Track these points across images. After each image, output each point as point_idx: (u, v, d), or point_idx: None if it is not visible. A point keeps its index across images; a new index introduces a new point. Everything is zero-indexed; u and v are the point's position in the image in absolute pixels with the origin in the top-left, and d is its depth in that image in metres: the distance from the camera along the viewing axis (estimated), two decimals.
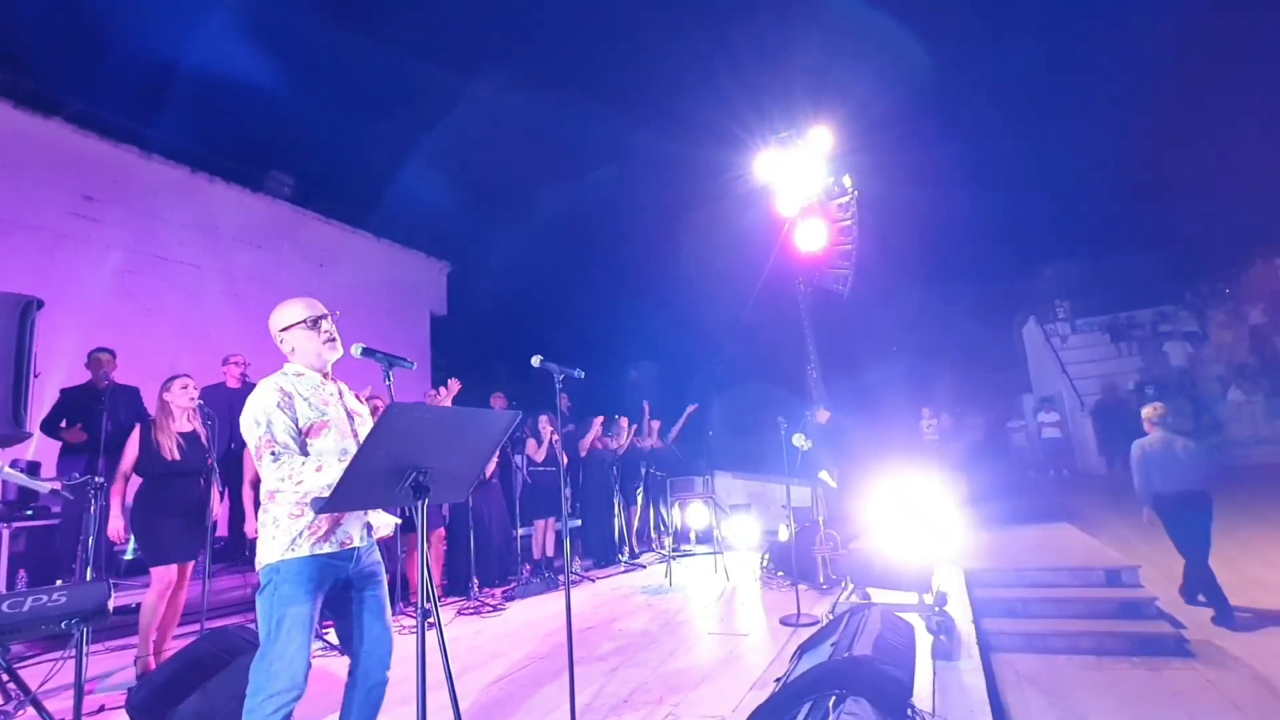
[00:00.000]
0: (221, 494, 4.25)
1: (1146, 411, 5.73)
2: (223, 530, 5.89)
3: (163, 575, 3.79)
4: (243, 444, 4.86)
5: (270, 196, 9.49)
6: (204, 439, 4.07)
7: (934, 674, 3.83)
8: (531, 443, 6.65)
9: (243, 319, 8.33)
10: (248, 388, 5.57)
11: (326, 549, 2.17)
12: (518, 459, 6.41)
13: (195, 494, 3.95)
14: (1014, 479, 13.68)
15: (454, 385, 5.60)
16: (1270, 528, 7.78)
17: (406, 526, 5.58)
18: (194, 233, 8.70)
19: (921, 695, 3.48)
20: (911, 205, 13.89)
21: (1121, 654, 4.71)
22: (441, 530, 6.04)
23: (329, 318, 2.41)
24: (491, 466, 6.26)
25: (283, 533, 2.13)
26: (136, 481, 3.91)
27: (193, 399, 4.02)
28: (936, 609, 4.38)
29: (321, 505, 2.04)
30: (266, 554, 2.14)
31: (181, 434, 3.97)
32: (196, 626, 4.19)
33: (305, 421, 2.21)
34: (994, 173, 18.20)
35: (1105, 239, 18.66)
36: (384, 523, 2.38)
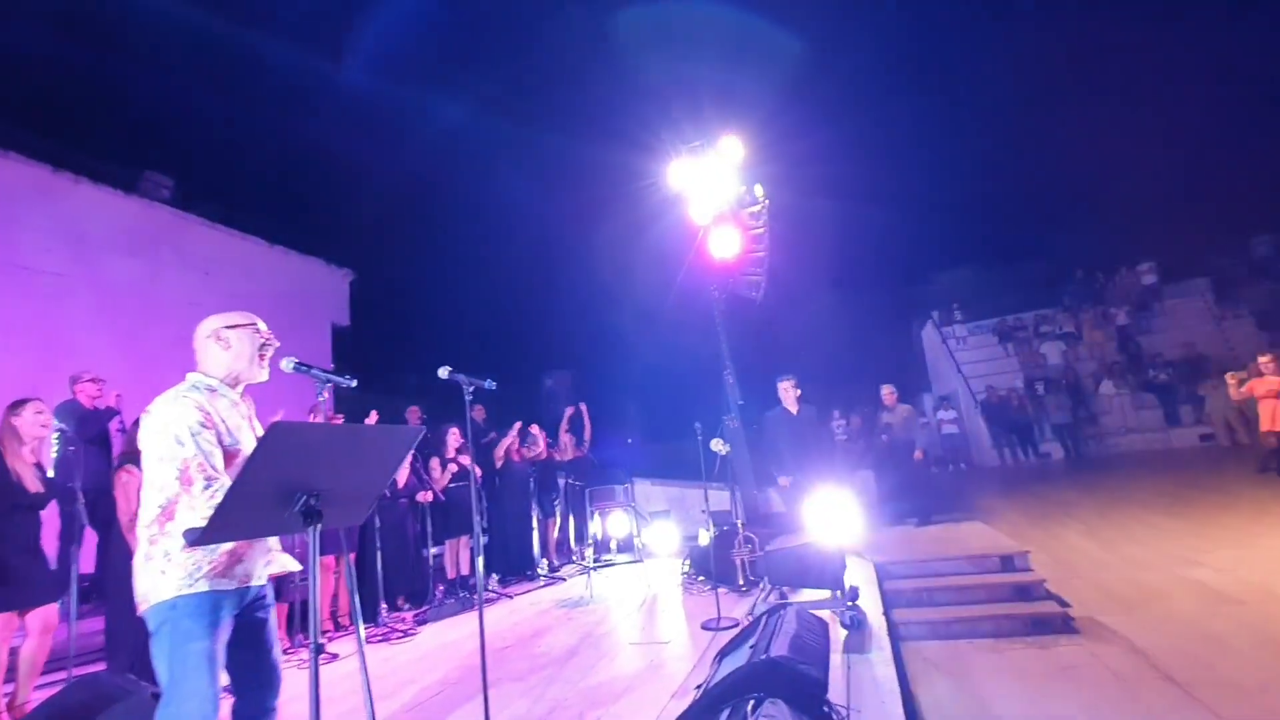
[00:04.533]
0: (81, 528, 3.81)
1: None
2: (88, 566, 5.29)
3: (29, 621, 3.36)
4: (106, 470, 4.38)
5: (146, 199, 8.70)
6: (53, 468, 3.65)
7: (848, 667, 3.93)
8: (435, 465, 6.38)
9: (114, 334, 7.58)
10: (104, 412, 5.01)
11: (226, 585, 1.97)
12: (428, 475, 6.14)
13: (39, 529, 3.53)
14: (918, 474, 14.43)
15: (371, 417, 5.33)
16: (1139, 509, 8.56)
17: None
18: (57, 239, 7.85)
19: (836, 689, 3.54)
20: (819, 216, 14.48)
21: (1016, 635, 5.00)
22: (351, 555, 5.69)
23: (272, 337, 2.29)
24: (403, 482, 5.97)
25: (176, 567, 1.92)
26: None
27: (46, 426, 3.58)
28: (849, 604, 4.51)
29: (197, 536, 1.85)
30: (156, 590, 1.91)
31: (34, 464, 3.53)
32: (63, 674, 3.77)
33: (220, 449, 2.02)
34: (892, 186, 19.32)
35: (993, 248, 20.17)
36: (285, 562, 2.21)
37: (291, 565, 2.23)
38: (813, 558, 5.16)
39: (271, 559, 2.16)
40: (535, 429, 7.69)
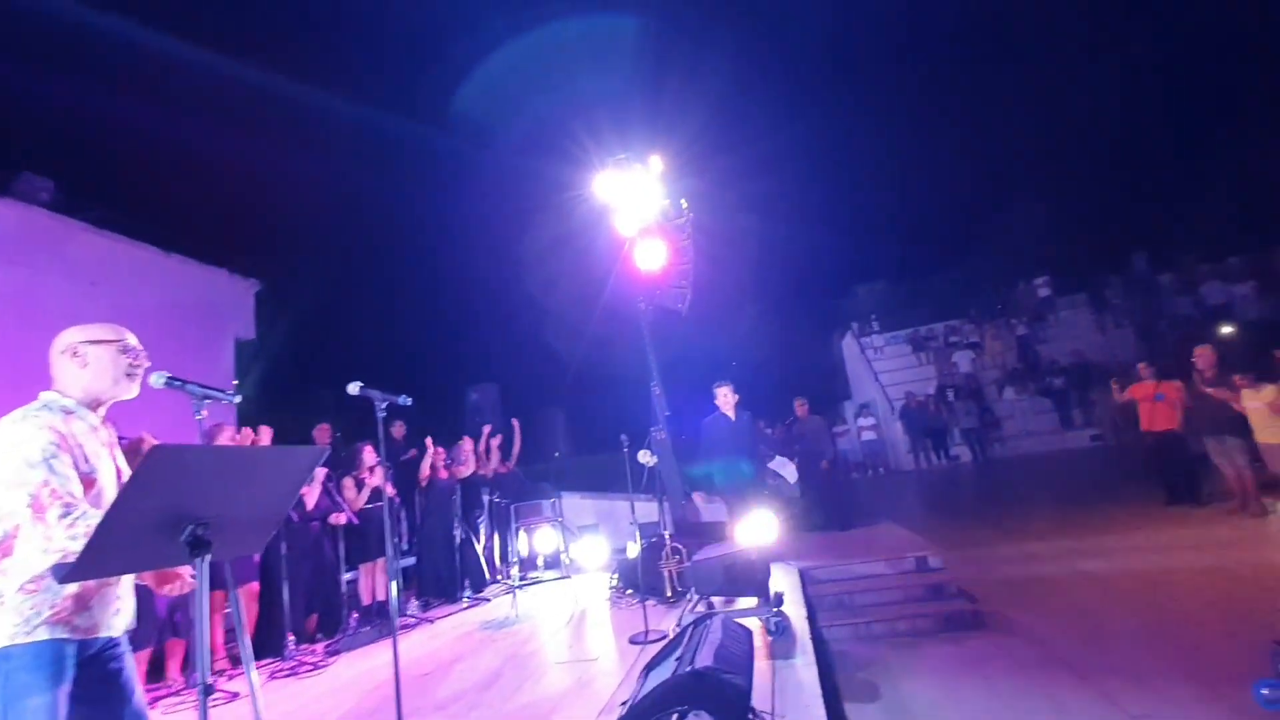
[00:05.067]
0: None
1: None
2: None
3: None
4: None
5: (22, 203, 7.93)
6: None
7: (773, 673, 3.97)
8: (349, 484, 6.08)
9: None
10: None
11: (68, 635, 1.76)
12: (341, 496, 5.83)
13: None
14: (841, 480, 14.93)
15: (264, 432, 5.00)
16: (1039, 507, 9.15)
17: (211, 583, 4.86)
18: None
19: (761, 696, 3.57)
20: (743, 230, 14.86)
21: (931, 632, 5.22)
22: (255, 585, 5.32)
23: (143, 354, 2.03)
24: (314, 504, 5.64)
25: (9, 611, 1.71)
26: None
27: None
28: (775, 610, 4.57)
29: (66, 572, 1.65)
30: None
31: None
32: None
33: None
34: (814, 203, 20.14)
35: (907, 262, 21.33)
36: (128, 615, 1.97)
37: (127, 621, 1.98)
38: (739, 566, 5.21)
39: (121, 608, 1.94)
40: (466, 445, 7.47)
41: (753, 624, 4.52)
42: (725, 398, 6.33)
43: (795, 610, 4.98)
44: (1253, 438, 6.68)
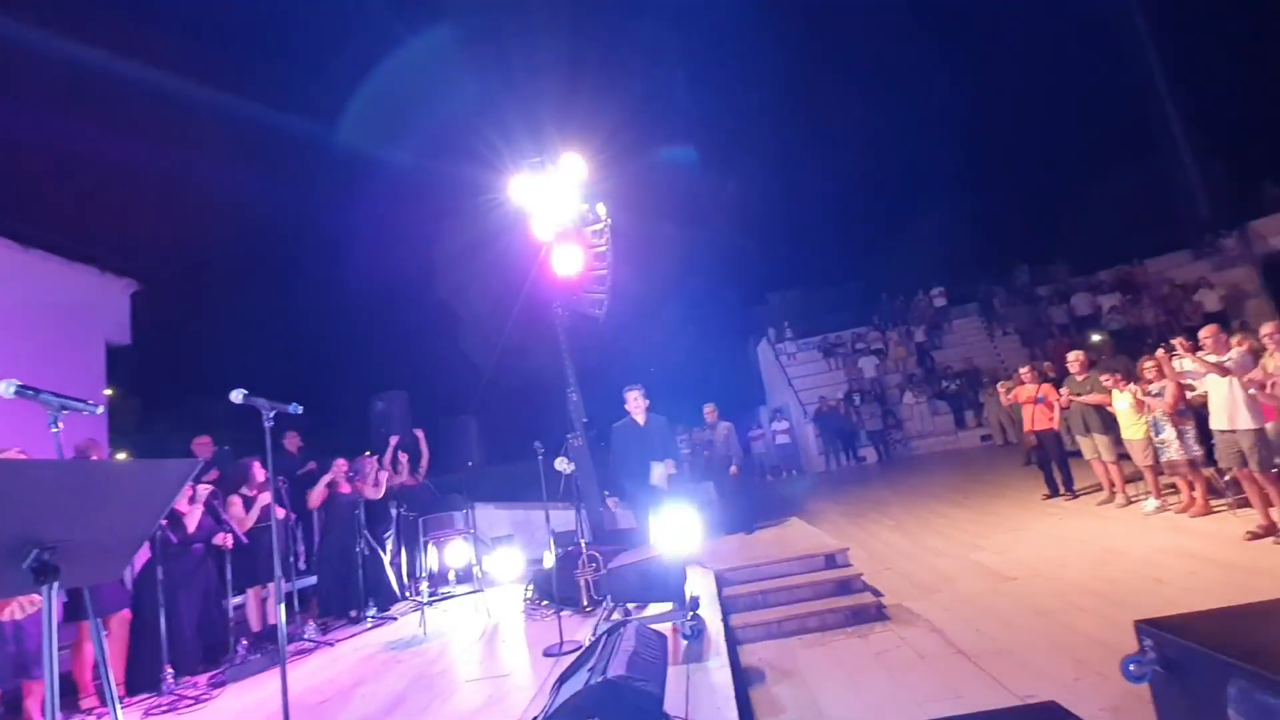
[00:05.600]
0: None
1: None
2: None
3: None
4: None
5: None
6: None
7: (686, 677, 3.96)
8: (237, 503, 5.64)
9: None
10: None
11: None
12: (226, 517, 5.38)
13: None
14: (756, 482, 15.32)
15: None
16: (936, 503, 9.69)
17: (71, 613, 4.35)
18: None
19: (675, 701, 3.55)
20: (662, 237, 15.01)
21: (839, 627, 5.38)
22: (125, 613, 4.82)
23: None
24: (195, 525, 5.18)
25: None
26: None
27: None
28: (689, 614, 4.58)
29: None
30: None
31: None
32: None
33: None
34: (730, 212, 20.68)
35: (818, 271, 22.26)
36: None
37: None
38: (655, 572, 5.20)
39: None
40: (370, 464, 7.08)
41: (668, 629, 4.51)
42: (635, 402, 6.32)
43: (710, 613, 5.01)
44: (1119, 434, 7.33)
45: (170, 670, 4.66)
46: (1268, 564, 5.07)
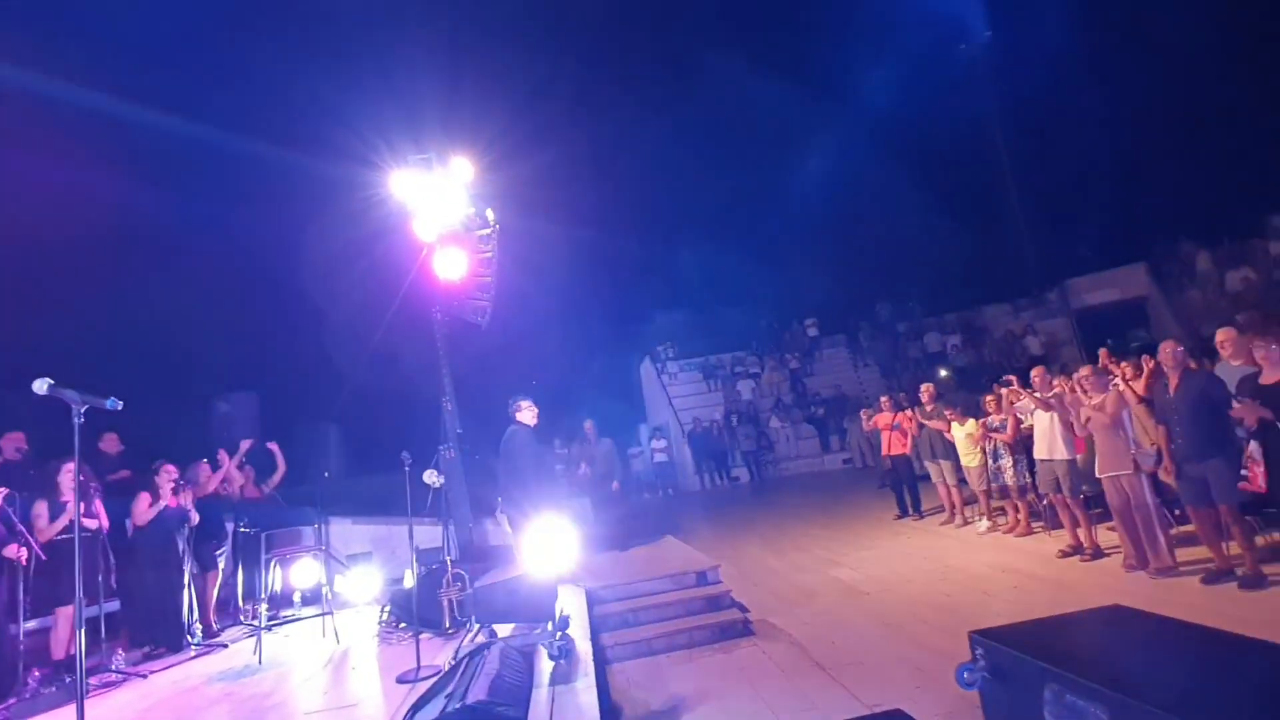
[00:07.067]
0: None
1: None
2: None
3: None
4: None
5: None
6: None
7: (552, 699, 3.83)
8: (41, 511, 4.84)
9: None
10: None
11: None
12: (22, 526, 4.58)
13: None
14: (632, 500, 15.40)
15: None
16: (801, 522, 10.18)
17: None
18: None
19: None
20: (550, 251, 14.82)
21: (707, 643, 5.45)
22: None
23: None
24: None
25: None
26: None
27: None
28: (558, 634, 4.44)
29: None
30: None
31: None
32: None
33: None
34: (617, 232, 20.93)
35: (702, 295, 22.99)
36: None
37: None
38: (524, 590, 5.02)
39: None
40: (203, 470, 6.33)
41: (535, 650, 4.35)
42: (528, 410, 6.10)
43: (580, 632, 4.90)
44: (962, 460, 8.07)
45: None
46: (1075, 578, 5.74)
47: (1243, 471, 4.84)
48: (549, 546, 4.94)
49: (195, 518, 5.81)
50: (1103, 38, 19.45)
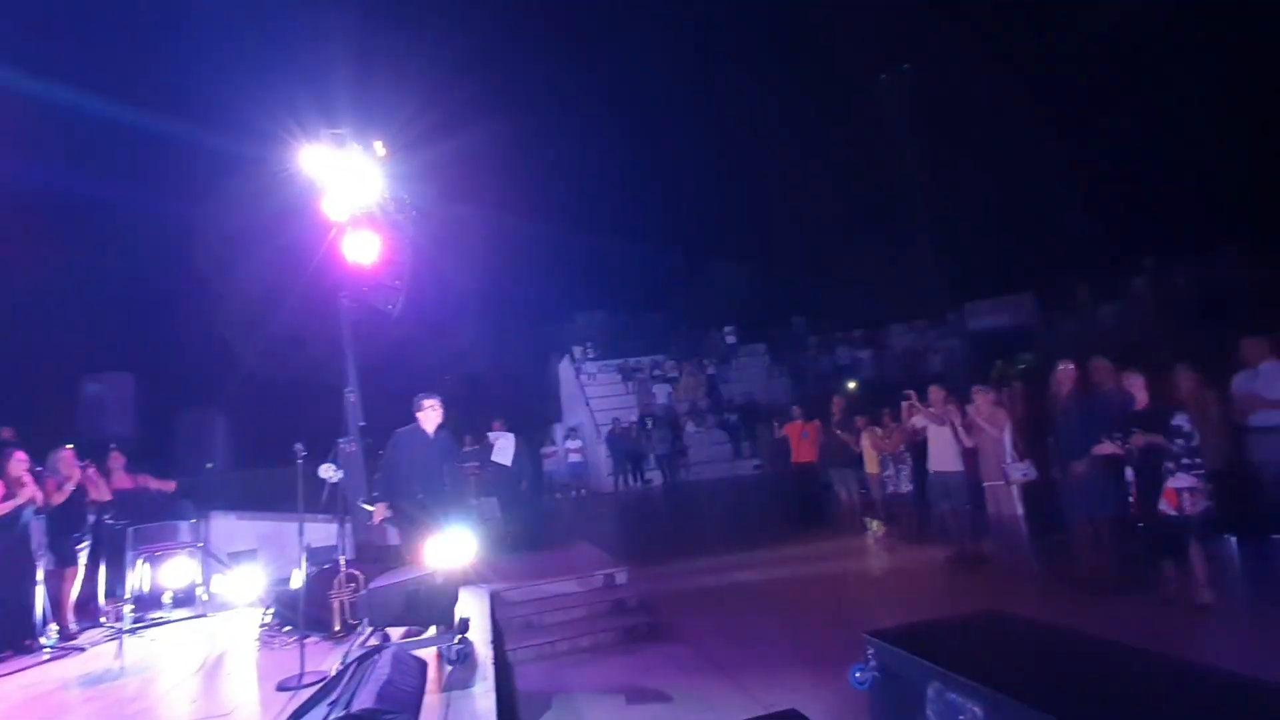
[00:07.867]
0: None
1: None
2: None
3: None
4: None
5: None
6: None
7: (447, 705, 3.68)
8: None
9: None
10: None
11: None
12: None
13: None
14: (544, 500, 15.19)
15: None
16: (710, 526, 10.37)
17: None
18: None
19: None
20: (469, 240, 14.42)
21: (612, 646, 5.42)
22: None
23: None
24: None
25: None
26: None
27: None
28: (457, 638, 4.27)
29: None
30: None
31: None
32: None
33: None
34: (539, 230, 20.73)
35: (622, 298, 23.10)
36: None
37: None
38: (423, 592, 4.80)
39: None
40: (66, 457, 5.66)
41: (430, 655, 4.17)
42: (432, 410, 5.83)
43: (480, 636, 4.74)
44: (864, 469, 8.43)
45: None
46: (960, 583, 6.11)
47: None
48: (452, 547, 4.76)
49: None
50: (1012, 80, 21.06)
